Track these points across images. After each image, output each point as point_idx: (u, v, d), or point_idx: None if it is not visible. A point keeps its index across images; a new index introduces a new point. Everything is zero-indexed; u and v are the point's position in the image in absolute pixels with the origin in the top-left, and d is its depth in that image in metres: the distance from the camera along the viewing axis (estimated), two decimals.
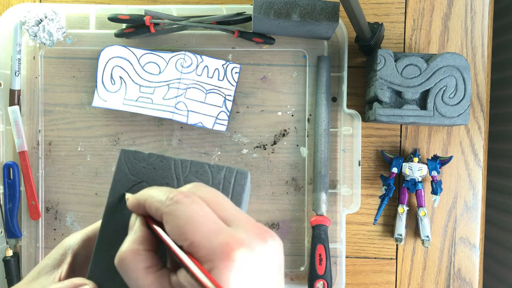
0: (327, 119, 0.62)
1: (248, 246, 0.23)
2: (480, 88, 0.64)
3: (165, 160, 0.31)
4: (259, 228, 0.24)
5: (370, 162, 0.65)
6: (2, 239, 0.63)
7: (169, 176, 0.31)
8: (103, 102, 0.62)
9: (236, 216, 0.25)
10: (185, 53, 0.61)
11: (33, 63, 0.65)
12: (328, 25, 0.56)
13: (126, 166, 0.31)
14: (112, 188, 0.31)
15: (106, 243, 0.29)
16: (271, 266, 0.24)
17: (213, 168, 0.30)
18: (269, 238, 0.24)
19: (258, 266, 0.23)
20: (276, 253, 0.24)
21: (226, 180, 0.30)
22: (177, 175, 0.31)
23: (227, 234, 0.23)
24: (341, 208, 0.63)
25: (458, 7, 0.64)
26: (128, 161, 0.31)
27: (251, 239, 0.23)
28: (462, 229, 0.64)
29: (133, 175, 0.31)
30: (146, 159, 0.31)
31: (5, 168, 0.63)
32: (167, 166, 0.31)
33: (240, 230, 0.24)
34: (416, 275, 0.64)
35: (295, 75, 0.64)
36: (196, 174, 0.30)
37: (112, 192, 0.30)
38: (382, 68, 0.57)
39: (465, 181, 0.64)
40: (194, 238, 0.23)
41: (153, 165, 0.31)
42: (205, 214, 0.24)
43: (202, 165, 0.30)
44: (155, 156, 0.31)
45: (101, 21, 0.64)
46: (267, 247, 0.24)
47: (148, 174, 0.31)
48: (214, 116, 0.63)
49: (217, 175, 0.30)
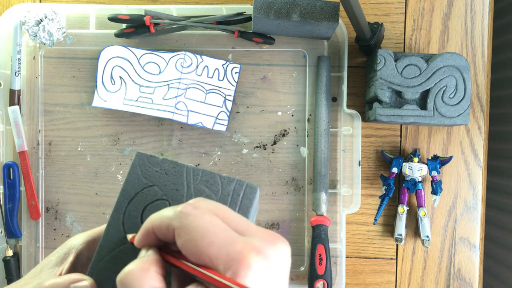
0: (327, 119, 0.62)
1: (263, 252, 0.23)
2: (480, 88, 0.64)
3: (178, 166, 0.32)
4: (270, 235, 0.25)
5: (370, 162, 0.65)
6: (2, 239, 0.63)
7: (179, 182, 0.31)
8: (103, 102, 0.62)
9: (245, 225, 0.25)
10: (185, 53, 0.61)
11: (33, 63, 0.65)
12: (328, 25, 0.56)
13: (139, 169, 0.32)
14: (123, 189, 0.31)
15: (110, 242, 0.29)
16: (282, 270, 0.25)
17: (223, 179, 0.31)
18: (280, 243, 0.25)
19: (272, 271, 0.24)
20: (287, 257, 0.25)
21: (235, 192, 0.30)
22: (187, 183, 0.31)
23: (242, 242, 0.24)
24: (341, 208, 0.63)
25: (458, 7, 0.64)
26: (142, 164, 0.32)
27: (265, 245, 0.24)
28: (462, 229, 0.64)
29: (146, 178, 0.31)
30: (159, 164, 0.32)
31: (5, 168, 0.63)
32: (179, 173, 0.31)
33: (253, 238, 0.24)
34: (416, 275, 0.64)
35: (295, 75, 0.64)
36: (206, 183, 0.31)
37: (122, 192, 0.31)
38: (382, 68, 0.57)
39: (465, 181, 0.64)
40: (211, 250, 0.23)
41: (166, 170, 0.32)
42: (218, 224, 0.24)
43: (213, 175, 0.31)
44: (168, 162, 0.32)
45: (101, 21, 0.64)
46: (279, 251, 0.24)
47: (160, 178, 0.31)
48: (214, 116, 0.63)
49: (227, 186, 0.31)
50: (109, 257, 0.29)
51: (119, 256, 0.29)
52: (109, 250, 0.29)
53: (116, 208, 0.30)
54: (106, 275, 0.29)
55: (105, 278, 0.28)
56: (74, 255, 0.30)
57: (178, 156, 0.64)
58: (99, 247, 0.29)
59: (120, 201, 0.31)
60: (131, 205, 0.30)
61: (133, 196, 0.31)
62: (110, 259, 0.29)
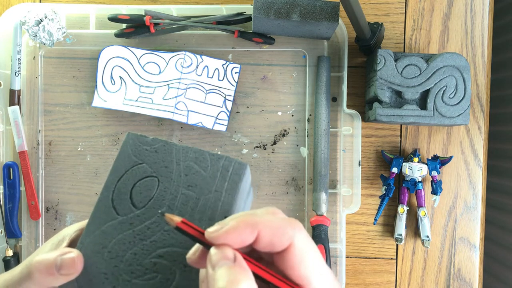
0: (327, 119, 0.62)
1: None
2: (480, 88, 0.64)
3: (167, 145, 0.32)
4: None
5: (370, 162, 0.65)
6: (2, 239, 0.63)
7: (169, 160, 0.31)
8: (103, 102, 0.62)
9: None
10: (185, 53, 0.61)
11: (33, 63, 0.65)
12: (328, 25, 0.56)
13: (129, 147, 0.32)
14: (113, 167, 0.32)
15: (99, 218, 0.30)
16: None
17: (212, 157, 0.31)
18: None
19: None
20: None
21: (224, 168, 0.31)
22: (177, 160, 0.31)
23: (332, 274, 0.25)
24: (341, 208, 0.63)
25: (458, 7, 0.64)
26: (132, 144, 0.32)
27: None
28: (462, 229, 0.64)
29: (136, 157, 0.32)
30: (149, 143, 0.32)
31: (5, 168, 0.63)
32: (168, 151, 0.32)
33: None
34: (416, 275, 0.64)
35: (295, 75, 0.64)
36: (195, 160, 0.31)
37: (112, 170, 0.31)
38: (382, 68, 0.57)
39: (465, 181, 0.64)
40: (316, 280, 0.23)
41: (156, 148, 0.32)
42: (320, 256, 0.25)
43: (203, 152, 0.31)
44: (158, 140, 0.32)
45: (101, 21, 0.64)
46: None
47: (150, 156, 0.32)
48: (214, 116, 0.63)
49: (216, 163, 0.31)
50: (99, 231, 0.29)
51: (108, 231, 0.29)
52: (98, 226, 0.30)
53: (106, 186, 0.31)
54: (95, 249, 0.29)
55: (94, 252, 0.29)
56: (67, 242, 0.31)
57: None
58: (88, 222, 0.30)
59: (110, 179, 0.31)
60: (120, 182, 0.31)
61: (122, 174, 0.31)
62: (100, 233, 0.29)
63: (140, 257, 0.29)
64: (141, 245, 0.29)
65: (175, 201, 0.29)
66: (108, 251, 0.29)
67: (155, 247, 0.29)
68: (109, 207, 0.30)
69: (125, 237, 0.29)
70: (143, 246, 0.29)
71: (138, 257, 0.28)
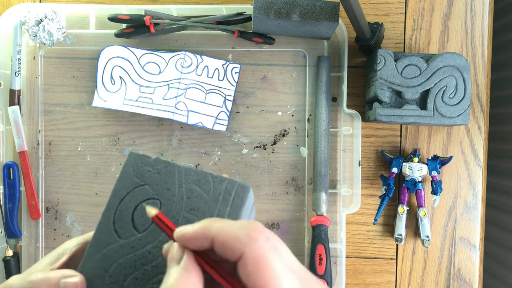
0: (327, 119, 0.62)
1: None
2: (480, 88, 0.64)
3: (170, 166, 0.32)
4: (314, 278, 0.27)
5: (370, 162, 0.65)
6: (2, 239, 0.63)
7: (171, 182, 0.31)
8: (103, 102, 0.62)
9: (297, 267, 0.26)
10: (185, 53, 0.61)
11: (33, 63, 0.65)
12: (328, 25, 0.56)
13: (131, 168, 0.32)
14: (115, 188, 0.31)
15: (101, 241, 0.30)
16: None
17: (215, 179, 0.31)
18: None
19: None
20: None
21: (227, 191, 0.30)
22: (179, 182, 0.31)
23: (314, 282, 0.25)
24: (341, 208, 0.63)
25: (458, 7, 0.64)
26: (134, 164, 0.32)
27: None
28: (462, 229, 0.64)
29: (137, 178, 0.31)
30: (152, 164, 0.32)
31: (5, 168, 0.63)
32: (171, 172, 0.31)
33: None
34: (416, 275, 0.64)
35: (295, 75, 0.64)
36: (198, 183, 0.31)
37: (114, 192, 0.31)
38: (382, 68, 0.57)
39: (465, 181, 0.64)
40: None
41: (158, 170, 0.32)
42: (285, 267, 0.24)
43: (205, 174, 0.31)
44: (161, 161, 0.32)
45: (101, 21, 0.64)
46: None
47: (152, 178, 0.31)
48: (214, 116, 0.63)
49: (218, 186, 0.31)
50: (100, 255, 0.29)
51: (109, 255, 0.29)
52: (99, 249, 0.29)
53: (107, 207, 0.31)
54: (97, 272, 0.29)
55: (95, 276, 0.29)
56: (67, 256, 0.30)
57: (178, 156, 0.64)
58: (89, 245, 0.30)
59: (111, 200, 0.31)
60: (122, 204, 0.31)
61: (124, 196, 0.31)
62: (101, 257, 0.29)
63: (141, 282, 0.28)
64: (143, 270, 0.28)
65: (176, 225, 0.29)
66: (110, 275, 0.29)
67: (156, 272, 0.28)
68: (110, 229, 0.30)
69: (126, 261, 0.29)
70: (144, 271, 0.28)
71: (139, 282, 0.28)
